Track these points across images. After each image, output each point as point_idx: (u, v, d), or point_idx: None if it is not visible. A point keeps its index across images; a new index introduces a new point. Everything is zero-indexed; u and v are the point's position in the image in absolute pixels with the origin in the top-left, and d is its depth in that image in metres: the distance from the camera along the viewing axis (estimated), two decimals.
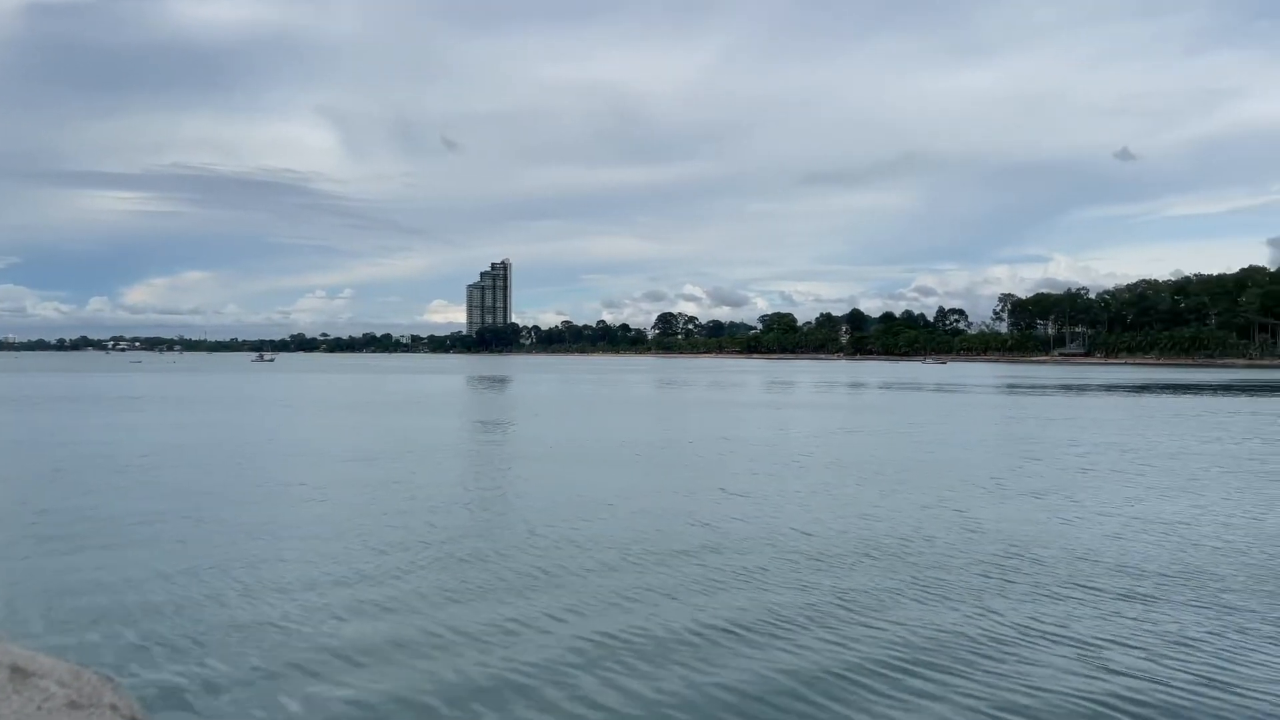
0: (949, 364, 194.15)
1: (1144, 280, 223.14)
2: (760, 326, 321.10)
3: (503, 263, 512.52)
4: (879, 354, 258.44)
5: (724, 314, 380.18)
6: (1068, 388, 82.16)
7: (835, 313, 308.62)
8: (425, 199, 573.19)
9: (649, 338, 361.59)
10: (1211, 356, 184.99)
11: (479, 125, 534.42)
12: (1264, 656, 9.83)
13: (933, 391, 75.20)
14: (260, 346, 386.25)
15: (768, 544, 15.27)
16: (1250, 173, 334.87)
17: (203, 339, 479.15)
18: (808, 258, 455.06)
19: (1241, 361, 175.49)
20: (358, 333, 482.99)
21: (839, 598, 12.07)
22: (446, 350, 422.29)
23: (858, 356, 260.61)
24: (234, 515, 17.56)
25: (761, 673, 9.38)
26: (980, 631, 10.67)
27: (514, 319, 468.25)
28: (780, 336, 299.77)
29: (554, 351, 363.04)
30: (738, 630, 10.68)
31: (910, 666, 9.57)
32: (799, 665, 9.61)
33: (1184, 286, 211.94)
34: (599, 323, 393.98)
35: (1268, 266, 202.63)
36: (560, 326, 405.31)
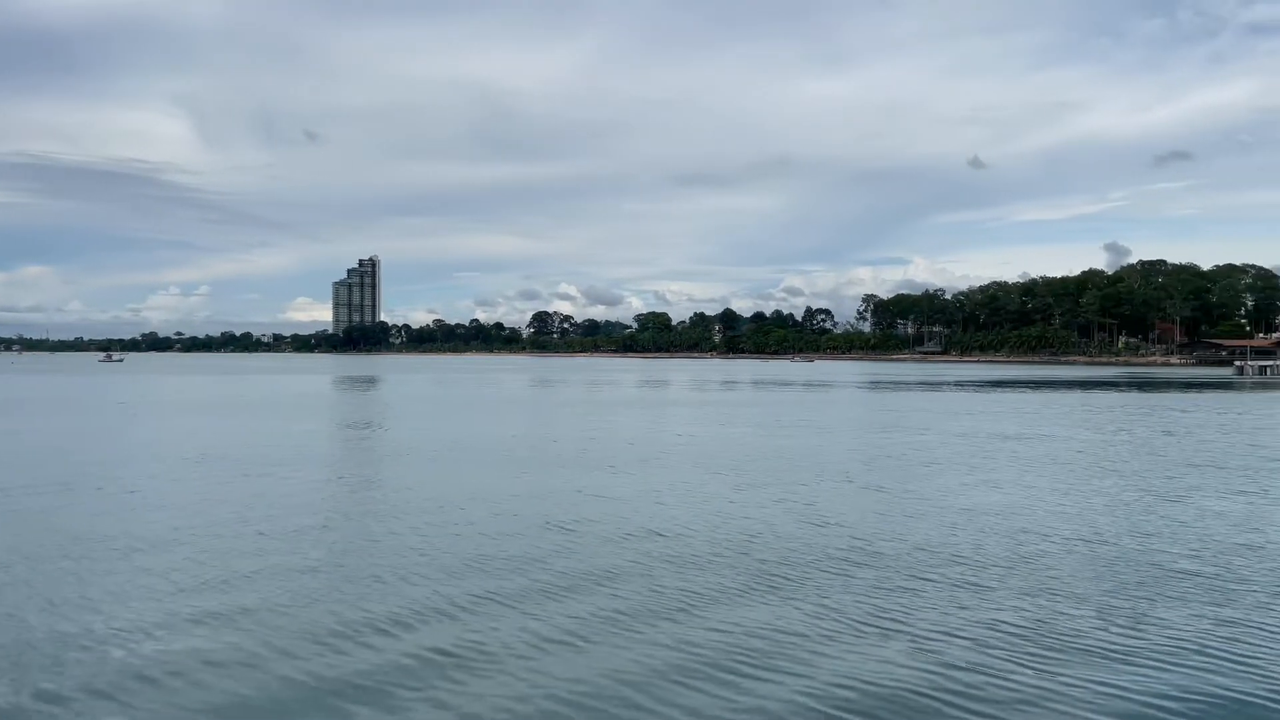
0: (816, 362, 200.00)
1: (995, 282, 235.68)
2: (636, 326, 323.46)
3: (371, 259, 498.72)
4: (751, 353, 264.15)
5: (599, 313, 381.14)
6: (925, 384, 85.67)
7: (708, 312, 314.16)
8: (289, 193, 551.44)
9: (524, 337, 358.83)
10: (1056, 354, 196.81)
11: (346, 118, 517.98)
12: (1091, 643, 10.13)
13: (801, 389, 77.04)
14: (108, 346, 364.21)
15: (619, 545, 14.99)
16: (1090, 181, 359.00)
17: (45, 338, 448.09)
18: (682, 258, 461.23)
19: (1082, 359, 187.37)
20: (215, 331, 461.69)
21: (684, 598, 11.88)
22: (311, 350, 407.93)
23: (730, 355, 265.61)
24: (66, 524, 16.08)
25: (594, 679, 9.05)
26: (819, 628, 10.64)
27: (383, 317, 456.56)
28: (655, 336, 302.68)
29: (425, 351, 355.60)
30: (576, 637, 10.33)
31: (749, 666, 9.43)
32: (636, 669, 9.34)
33: (1031, 288, 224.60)
34: (472, 321, 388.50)
35: (1106, 270, 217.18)
36: (432, 325, 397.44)
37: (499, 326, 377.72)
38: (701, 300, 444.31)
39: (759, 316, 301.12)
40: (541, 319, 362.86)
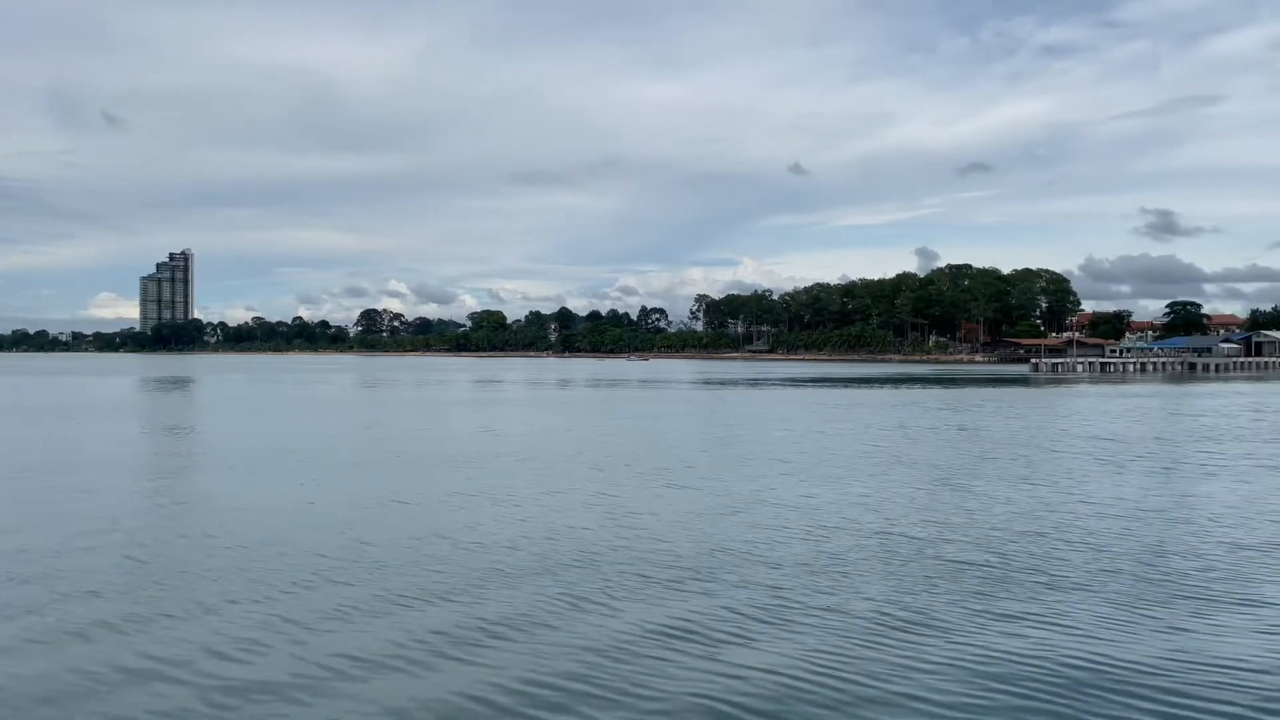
0: (651, 361, 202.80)
1: (818, 284, 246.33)
2: (470, 324, 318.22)
3: (183, 253, 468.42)
4: (587, 352, 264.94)
5: (432, 311, 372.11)
6: (753, 382, 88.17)
7: (544, 311, 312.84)
8: (90, 181, 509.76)
9: (351, 336, 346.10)
10: (874, 353, 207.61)
11: (153, 102, 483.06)
12: (891, 644, 10.23)
13: (636, 387, 77.59)
14: None
15: (413, 558, 14.20)
16: (903, 189, 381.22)
17: None
18: (517, 256, 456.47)
19: (897, 357, 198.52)
20: (6, 329, 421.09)
21: (472, 617, 11.28)
22: (116, 349, 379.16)
23: (567, 354, 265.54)
24: None
25: (360, 711, 8.33)
26: (607, 636, 10.29)
27: (197, 315, 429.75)
28: (490, 335, 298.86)
29: (244, 350, 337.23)
30: (351, 666, 9.54)
31: (541, 681, 8.95)
32: (411, 697, 8.67)
33: (851, 290, 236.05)
34: (295, 320, 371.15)
35: (918, 273, 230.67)
36: (251, 323, 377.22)
37: (324, 325, 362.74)
38: (537, 299, 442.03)
39: (595, 316, 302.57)
40: (370, 317, 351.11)
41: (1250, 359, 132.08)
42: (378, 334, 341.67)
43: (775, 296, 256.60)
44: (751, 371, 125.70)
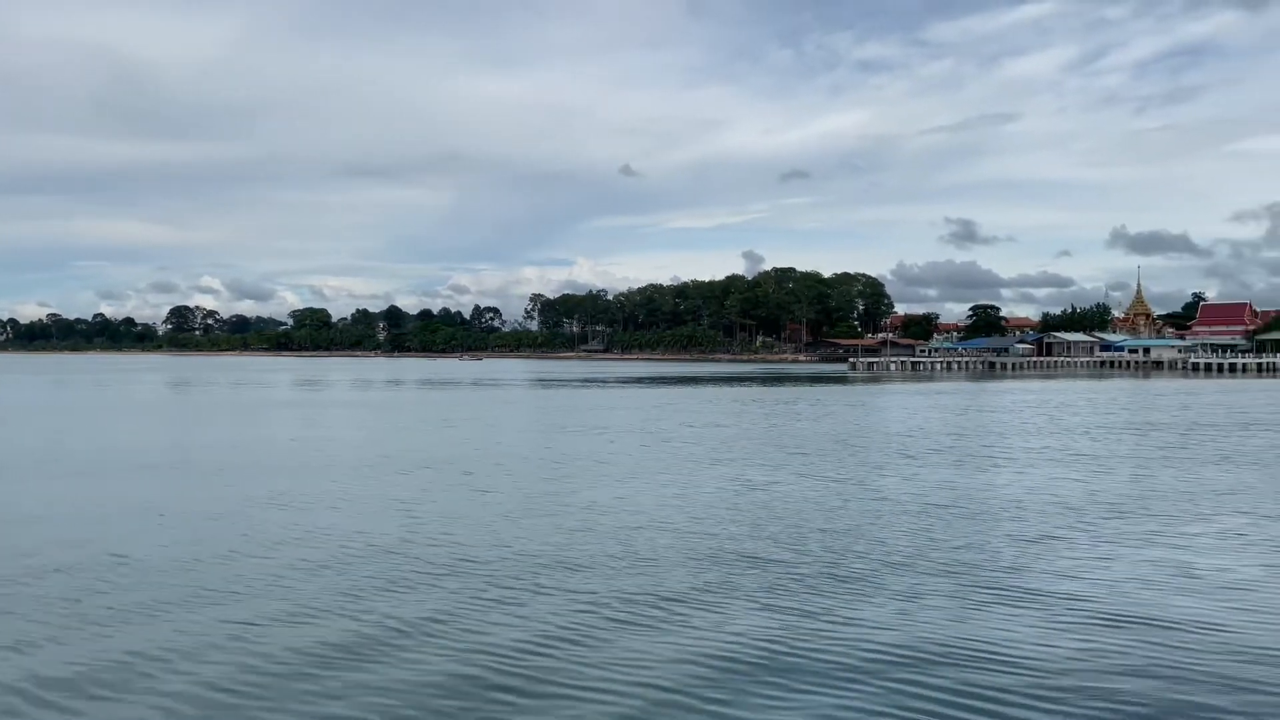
0: (485, 360, 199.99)
1: (651, 285, 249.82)
2: (291, 323, 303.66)
3: None
4: (418, 351, 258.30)
5: (249, 309, 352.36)
6: (588, 381, 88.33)
7: (371, 309, 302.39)
8: None
9: (160, 334, 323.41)
10: (704, 352, 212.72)
11: None
12: (687, 643, 10.22)
13: (468, 388, 76.09)
14: None
15: (182, 571, 13.19)
16: (731, 194, 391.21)
17: None
18: (342, 252, 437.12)
19: (726, 356, 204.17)
20: None
21: (252, 608, 10.54)
22: None
23: (396, 354, 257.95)
24: None
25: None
26: (380, 644, 9.83)
27: None
28: (313, 333, 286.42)
29: (37, 349, 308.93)
30: (81, 687, 8.67)
31: (315, 714, 8.39)
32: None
33: (683, 291, 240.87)
34: (96, 316, 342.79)
35: (746, 275, 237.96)
36: (46, 320, 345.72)
37: (130, 322, 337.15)
38: (363, 297, 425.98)
39: (426, 314, 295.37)
40: (181, 314, 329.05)
41: (1042, 358, 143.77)
42: (190, 332, 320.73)
43: (610, 297, 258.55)
44: (586, 371, 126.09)
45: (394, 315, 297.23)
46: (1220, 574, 13.14)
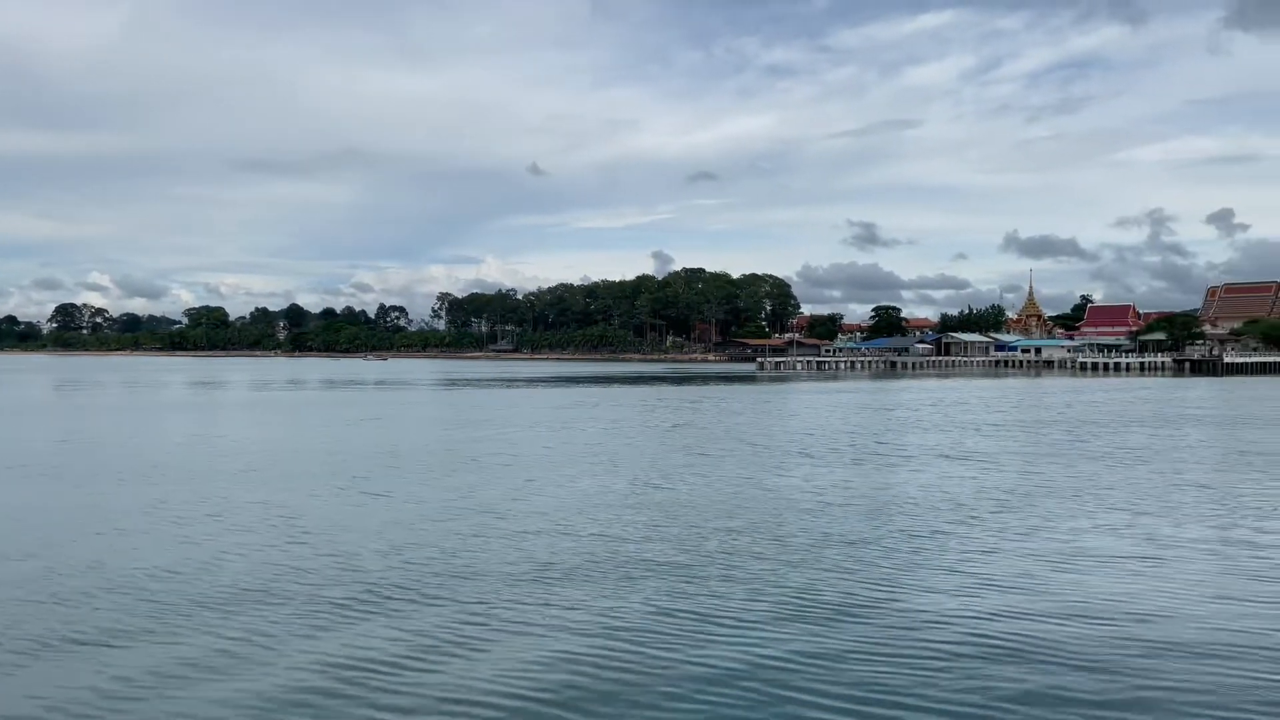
0: (390, 360, 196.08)
1: (561, 284, 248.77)
2: (186, 321, 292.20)
3: None
4: (320, 351, 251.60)
5: (140, 307, 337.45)
6: (498, 381, 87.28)
7: (271, 308, 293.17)
8: None
9: (45, 333, 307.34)
10: (615, 352, 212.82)
11: None
12: (582, 652, 9.99)
13: (372, 389, 74.32)
14: None
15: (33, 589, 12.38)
16: (641, 194, 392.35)
17: None
18: (240, 248, 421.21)
19: (637, 356, 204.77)
20: None
21: (92, 668, 9.91)
22: None
23: (297, 354, 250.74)
24: None
25: None
26: (267, 677, 9.36)
27: None
28: (210, 333, 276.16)
29: None
30: None
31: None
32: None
33: (593, 290, 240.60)
34: None
35: (655, 276, 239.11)
36: None
37: (11, 320, 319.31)
38: (262, 295, 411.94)
39: (329, 313, 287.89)
40: (67, 312, 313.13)
41: (940, 358, 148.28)
42: (77, 331, 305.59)
43: (519, 296, 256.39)
44: (495, 371, 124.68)
45: (295, 314, 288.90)
46: (1099, 565, 13.57)
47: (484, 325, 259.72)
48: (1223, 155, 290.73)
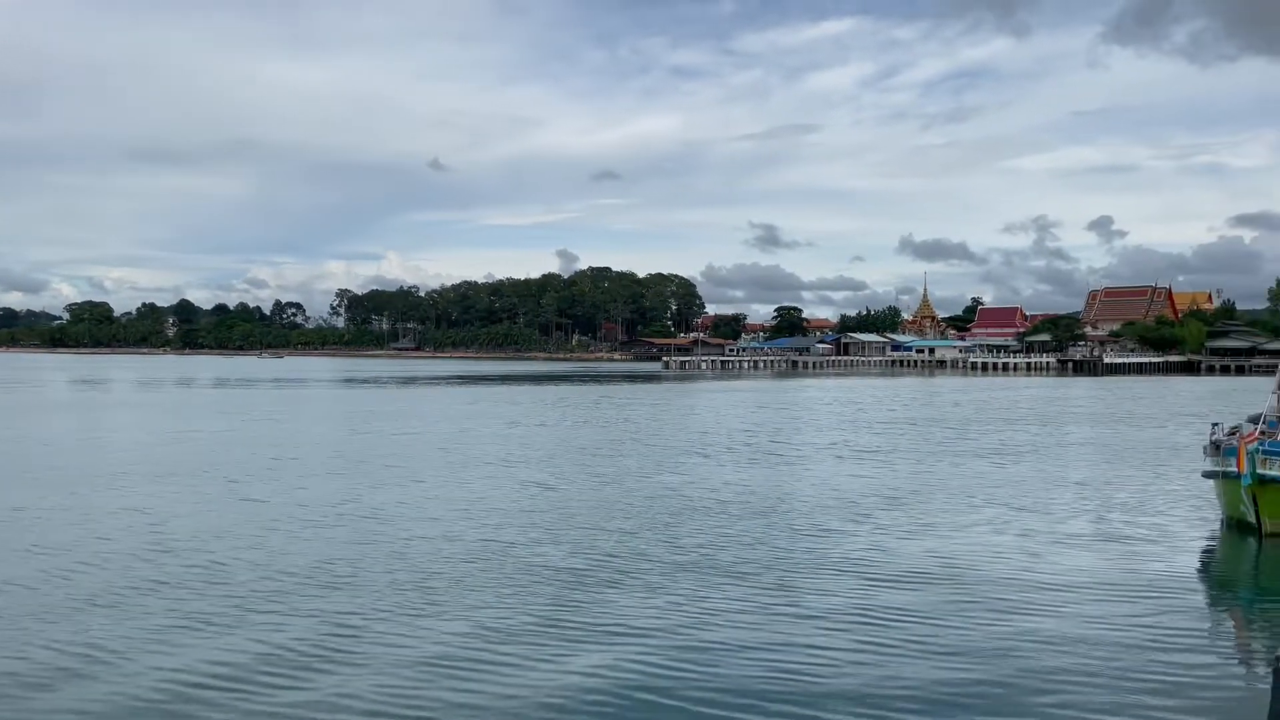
0: (286, 358, 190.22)
1: (465, 282, 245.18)
2: (68, 317, 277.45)
3: None
4: (212, 349, 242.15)
5: (17, 301, 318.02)
6: (399, 380, 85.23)
7: (159, 303, 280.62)
8: None
9: None
10: (520, 350, 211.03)
11: None
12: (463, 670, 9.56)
13: (268, 386, 71.70)
14: None
15: None
16: (547, 193, 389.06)
17: None
18: (126, 241, 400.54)
19: (542, 355, 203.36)
20: None
21: None
22: None
23: (187, 351, 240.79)
24: None
25: None
26: (112, 694, 8.67)
27: None
28: (93, 329, 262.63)
29: None
30: None
31: None
32: None
33: (498, 289, 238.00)
34: None
35: (561, 274, 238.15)
36: None
37: None
38: (149, 290, 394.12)
39: (221, 309, 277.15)
40: None
41: (840, 358, 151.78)
42: None
43: (422, 293, 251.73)
44: (396, 370, 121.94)
45: (185, 310, 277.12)
46: (984, 561, 13.80)
47: (385, 323, 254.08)
48: (1103, 165, 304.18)
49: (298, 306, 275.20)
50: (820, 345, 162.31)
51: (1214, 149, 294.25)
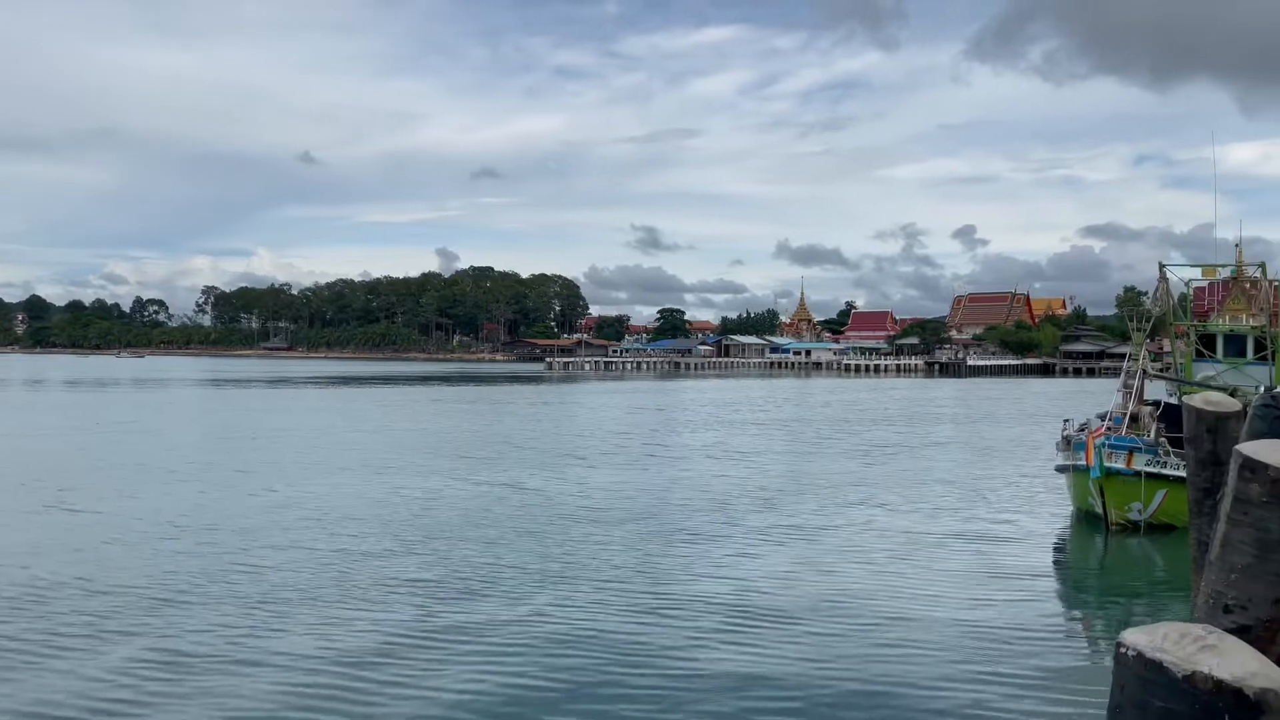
0: (148, 358, 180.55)
1: (341, 280, 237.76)
2: None
3: None
4: (66, 347, 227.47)
5: None
6: (270, 381, 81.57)
7: (8, 299, 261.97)
8: None
9: None
10: (399, 351, 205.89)
11: None
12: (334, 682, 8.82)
13: (127, 388, 67.47)
14: None
15: None
16: (427, 190, 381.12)
17: None
18: None
19: (422, 355, 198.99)
20: None
21: None
22: None
23: (39, 350, 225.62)
24: None
25: None
26: None
27: None
28: None
29: None
30: None
31: None
32: None
33: (376, 287, 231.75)
34: None
35: (441, 273, 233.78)
36: None
37: None
38: None
39: (76, 306, 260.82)
40: None
41: (721, 359, 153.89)
42: None
43: (295, 291, 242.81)
44: (266, 370, 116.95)
45: (36, 306, 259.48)
46: (853, 561, 13.85)
47: (255, 321, 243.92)
48: (967, 176, 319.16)
49: (160, 304, 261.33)
50: (702, 347, 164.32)
51: (1069, 163, 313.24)
